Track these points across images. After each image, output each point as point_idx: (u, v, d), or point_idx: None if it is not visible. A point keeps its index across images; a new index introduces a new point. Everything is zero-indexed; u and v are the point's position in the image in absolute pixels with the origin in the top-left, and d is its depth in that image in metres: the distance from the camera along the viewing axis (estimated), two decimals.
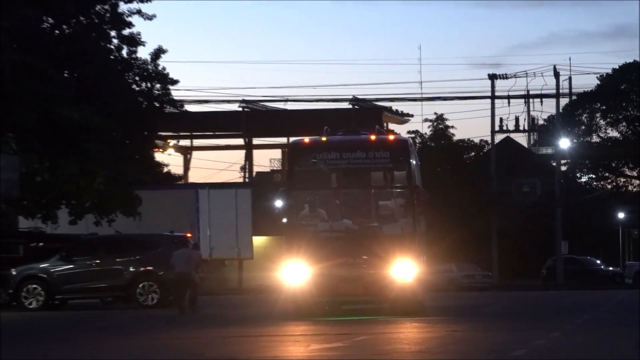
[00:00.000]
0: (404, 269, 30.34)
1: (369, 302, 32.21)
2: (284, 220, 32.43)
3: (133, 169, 54.06)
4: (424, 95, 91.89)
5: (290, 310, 30.78)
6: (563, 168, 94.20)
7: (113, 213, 54.83)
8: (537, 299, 49.02)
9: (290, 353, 23.07)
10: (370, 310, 31.63)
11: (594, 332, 26.92)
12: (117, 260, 47.68)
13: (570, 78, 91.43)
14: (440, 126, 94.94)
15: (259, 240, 73.01)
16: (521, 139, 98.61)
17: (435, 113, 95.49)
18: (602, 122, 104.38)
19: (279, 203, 35.44)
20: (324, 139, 32.24)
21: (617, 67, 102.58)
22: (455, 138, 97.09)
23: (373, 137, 32.36)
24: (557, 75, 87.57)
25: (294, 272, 30.75)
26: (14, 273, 48.08)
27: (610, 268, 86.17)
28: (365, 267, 30.77)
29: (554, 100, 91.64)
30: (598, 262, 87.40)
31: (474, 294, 60.47)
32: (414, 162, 32.60)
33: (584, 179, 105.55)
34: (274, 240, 69.44)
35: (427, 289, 37.23)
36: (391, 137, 32.66)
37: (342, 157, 32.23)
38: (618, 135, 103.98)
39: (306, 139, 33.03)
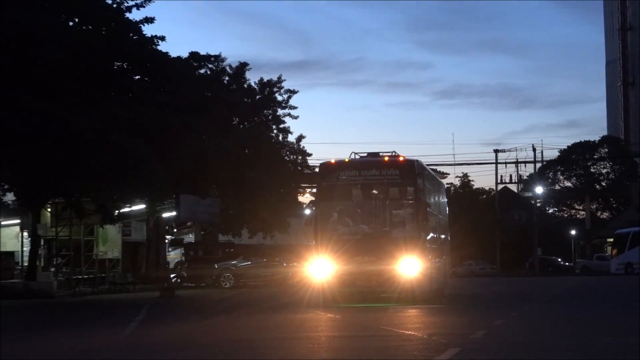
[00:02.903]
0: (409, 266, 25.07)
1: (382, 292, 26.43)
2: (314, 225, 26.79)
3: (285, 206, 54.31)
4: (456, 162, 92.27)
5: (318, 298, 25.75)
6: (538, 204, 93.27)
7: (273, 231, 55.06)
8: (523, 283, 48.23)
9: (375, 315, 21.77)
10: (384, 299, 26.28)
11: (559, 303, 26.45)
12: (276, 259, 47.80)
13: (542, 152, 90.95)
14: (465, 180, 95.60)
15: None
16: (513, 187, 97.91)
17: (462, 172, 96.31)
18: (561, 177, 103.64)
19: (308, 212, 30.05)
20: (346, 160, 27.23)
21: (570, 145, 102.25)
22: (474, 187, 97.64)
23: (386, 159, 26.83)
24: (534, 150, 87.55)
25: (321, 268, 25.76)
26: (216, 267, 48.25)
27: (566, 264, 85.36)
28: (378, 263, 25.41)
29: (532, 165, 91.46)
30: (559, 260, 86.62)
31: (484, 279, 59.74)
32: (422, 180, 26.81)
33: (550, 210, 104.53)
34: None
35: (445, 280, 31.86)
36: (401, 158, 26.82)
37: (360, 175, 26.66)
38: (571, 185, 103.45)
39: (332, 160, 27.81)
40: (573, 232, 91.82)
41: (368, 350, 13.41)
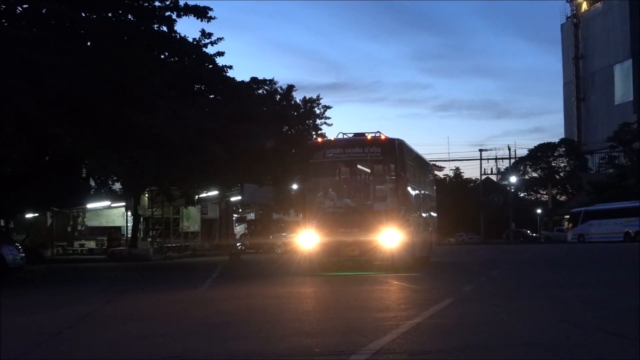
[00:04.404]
0: (390, 236, 20.87)
1: (365, 261, 21.54)
2: (301, 200, 22.82)
3: None
4: (450, 159, 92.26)
5: (306, 267, 22.39)
6: (512, 190, 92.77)
7: None
8: (501, 250, 47.97)
9: (377, 277, 20.50)
10: (366, 268, 21.45)
11: (529, 265, 26.25)
12: None
13: (515, 150, 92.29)
14: (457, 172, 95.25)
15: None
16: (493, 177, 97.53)
17: (455, 166, 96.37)
18: (529, 169, 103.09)
19: (295, 187, 23.58)
20: (332, 139, 22.90)
21: (536, 145, 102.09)
22: (464, 177, 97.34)
23: (369, 137, 22.18)
24: (509, 149, 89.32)
25: (309, 239, 21.57)
26: (270, 237, 48.24)
27: (534, 234, 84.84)
28: (360, 234, 21.10)
29: (507, 160, 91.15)
30: (528, 231, 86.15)
31: (471, 246, 59.47)
32: (403, 158, 22.13)
33: (521, 195, 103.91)
34: None
35: (431, 249, 27.62)
36: (382, 137, 22.01)
37: (344, 152, 21.97)
38: (537, 175, 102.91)
39: (319, 139, 23.46)
40: (539, 210, 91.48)
41: (387, 300, 13.39)
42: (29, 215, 46.34)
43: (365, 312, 11.26)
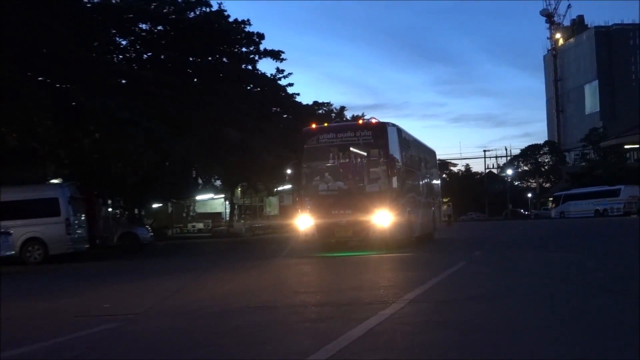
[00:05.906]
0: (382, 217, 16.26)
1: (358, 241, 17.07)
2: (297, 183, 18.17)
3: None
4: (462, 157, 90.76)
5: (302, 247, 18.40)
6: (509, 180, 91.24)
7: None
8: (500, 224, 46.96)
9: (386, 253, 19.92)
10: (358, 247, 17.00)
11: (519, 236, 25.54)
12: None
13: (510, 150, 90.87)
14: (467, 168, 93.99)
15: None
16: (495, 171, 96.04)
17: (466, 163, 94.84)
18: (522, 164, 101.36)
19: (290, 171, 20.15)
20: (325, 124, 18.41)
21: (526, 146, 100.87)
22: (472, 171, 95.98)
23: (360, 122, 18.18)
24: (506, 149, 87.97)
25: (304, 220, 16.93)
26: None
27: (527, 212, 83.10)
28: (353, 215, 16.42)
29: (505, 158, 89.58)
30: (522, 210, 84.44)
31: (478, 222, 58.32)
32: (395, 141, 17.09)
33: (516, 183, 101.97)
34: None
35: (434, 227, 22.41)
36: (374, 121, 17.44)
37: (337, 137, 17.05)
38: (527, 169, 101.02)
39: (313, 125, 17.83)
40: (529, 195, 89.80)
41: (414, 264, 13.13)
42: (155, 205, 47.12)
43: (397, 272, 11.09)
